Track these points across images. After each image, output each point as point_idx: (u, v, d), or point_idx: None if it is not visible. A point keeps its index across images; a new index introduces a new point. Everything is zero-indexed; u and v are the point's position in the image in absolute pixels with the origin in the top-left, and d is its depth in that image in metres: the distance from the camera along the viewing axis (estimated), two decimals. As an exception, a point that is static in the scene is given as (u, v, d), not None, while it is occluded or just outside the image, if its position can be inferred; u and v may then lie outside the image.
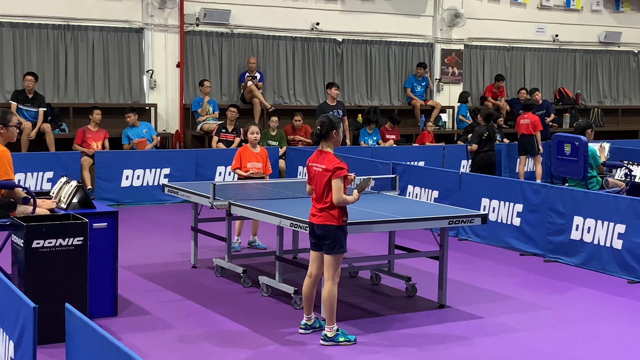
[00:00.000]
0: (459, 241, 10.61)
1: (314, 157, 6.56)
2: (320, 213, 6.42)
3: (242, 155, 9.43)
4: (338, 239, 6.38)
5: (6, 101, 13.65)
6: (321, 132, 6.49)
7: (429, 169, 12.03)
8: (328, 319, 6.45)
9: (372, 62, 17.28)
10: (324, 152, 6.49)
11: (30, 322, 4.21)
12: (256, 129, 9.50)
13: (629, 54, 20.52)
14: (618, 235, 8.84)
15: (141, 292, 7.85)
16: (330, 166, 6.37)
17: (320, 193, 6.42)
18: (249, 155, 9.44)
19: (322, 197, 6.40)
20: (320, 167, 6.44)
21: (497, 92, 18.37)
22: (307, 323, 6.75)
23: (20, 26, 14.11)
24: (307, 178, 6.65)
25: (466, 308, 7.56)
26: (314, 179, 6.49)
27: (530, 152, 15.39)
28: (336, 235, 6.38)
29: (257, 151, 9.49)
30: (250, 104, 15.59)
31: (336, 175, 6.32)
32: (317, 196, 6.47)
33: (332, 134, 6.49)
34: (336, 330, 6.43)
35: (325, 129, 6.48)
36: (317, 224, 6.43)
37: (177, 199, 11.93)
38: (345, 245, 6.47)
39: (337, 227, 6.38)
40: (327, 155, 6.45)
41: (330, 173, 6.35)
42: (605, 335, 6.89)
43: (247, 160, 9.40)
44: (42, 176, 12.02)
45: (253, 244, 9.79)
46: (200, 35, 15.53)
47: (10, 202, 6.95)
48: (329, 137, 6.49)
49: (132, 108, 14.18)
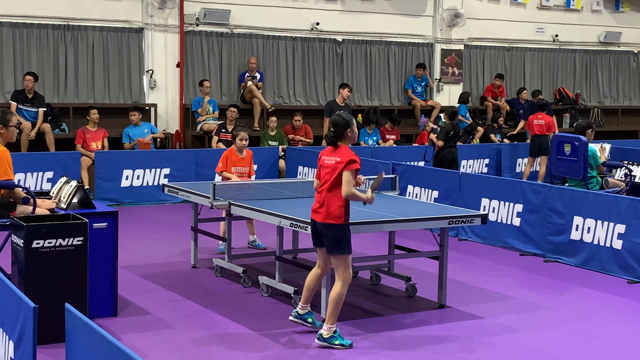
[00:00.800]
0: (459, 241, 10.61)
1: (327, 152, 6.37)
2: (320, 209, 6.30)
3: (228, 159, 9.47)
4: (339, 239, 6.29)
5: (6, 101, 13.66)
6: (335, 132, 6.30)
7: (429, 169, 12.03)
8: (328, 317, 6.38)
9: (372, 62, 17.29)
10: (339, 145, 6.32)
11: (30, 322, 4.20)
12: (245, 136, 9.51)
13: (629, 54, 20.52)
14: (618, 235, 8.84)
15: (141, 292, 7.85)
16: (344, 158, 6.19)
17: (328, 186, 6.26)
18: (235, 159, 9.48)
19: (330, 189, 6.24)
20: (333, 159, 6.26)
21: (497, 92, 18.37)
22: (299, 312, 6.68)
23: (20, 26, 14.12)
24: (315, 173, 6.51)
25: (466, 308, 7.56)
26: (324, 171, 6.31)
27: (544, 153, 14.77)
28: (338, 235, 6.28)
29: (243, 156, 9.54)
30: (250, 104, 15.60)
31: (348, 168, 6.16)
32: (322, 189, 6.33)
33: (346, 133, 6.31)
34: (333, 332, 6.33)
35: (340, 129, 6.29)
36: (319, 222, 6.34)
37: (177, 199, 11.94)
38: (348, 246, 6.34)
39: (339, 226, 6.29)
40: (342, 148, 6.28)
41: (343, 165, 6.18)
42: (605, 336, 6.89)
43: (233, 165, 9.44)
44: (42, 176, 12.01)
45: (253, 244, 9.80)
46: (200, 35, 15.53)
47: (10, 202, 6.95)
48: (344, 136, 6.32)
49: (137, 107, 14.20)
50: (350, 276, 6.43)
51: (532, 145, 15.11)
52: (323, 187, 6.33)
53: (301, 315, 6.68)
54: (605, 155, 11.62)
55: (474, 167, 15.49)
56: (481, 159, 15.65)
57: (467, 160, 15.40)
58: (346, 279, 6.37)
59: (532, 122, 15.08)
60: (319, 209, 6.35)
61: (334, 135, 6.31)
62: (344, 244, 6.32)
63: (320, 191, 6.37)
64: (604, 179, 10.91)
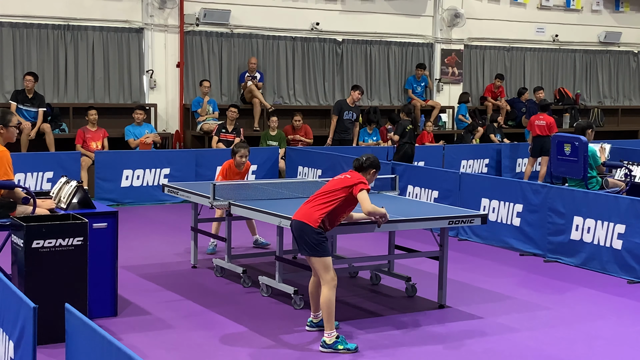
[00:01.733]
0: (459, 241, 10.61)
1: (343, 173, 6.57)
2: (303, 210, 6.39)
3: (227, 172, 9.53)
4: (313, 240, 6.28)
5: (6, 101, 13.66)
6: (362, 165, 6.53)
7: (429, 169, 12.03)
8: (325, 324, 6.36)
9: (372, 62, 17.29)
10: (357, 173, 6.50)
11: (30, 322, 4.21)
12: (245, 152, 9.51)
13: (628, 54, 20.52)
14: (618, 235, 8.84)
15: (141, 292, 7.85)
16: (355, 179, 6.39)
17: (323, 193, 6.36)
18: (233, 174, 9.54)
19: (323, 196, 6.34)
20: (343, 176, 6.45)
21: (496, 92, 18.37)
22: (313, 321, 6.76)
23: (20, 26, 14.11)
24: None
25: (466, 308, 7.56)
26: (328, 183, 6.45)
27: (546, 153, 14.49)
28: (310, 236, 6.29)
29: (241, 170, 9.57)
30: (250, 104, 15.60)
31: (360, 188, 6.33)
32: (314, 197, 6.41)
33: (370, 172, 6.57)
34: (335, 337, 6.30)
35: (368, 164, 6.54)
36: (294, 219, 6.40)
37: (177, 199, 11.94)
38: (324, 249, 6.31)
39: (313, 229, 6.29)
40: (356, 173, 6.48)
41: (352, 183, 6.36)
42: (605, 336, 6.89)
43: (230, 179, 9.45)
44: (42, 176, 12.01)
45: (257, 243, 9.83)
46: (200, 36, 15.53)
47: (10, 202, 6.95)
48: (366, 172, 6.54)
49: (141, 106, 14.21)
50: (334, 278, 6.37)
51: (534, 145, 15.00)
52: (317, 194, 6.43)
53: (316, 323, 6.74)
54: (605, 155, 11.61)
55: (474, 167, 15.50)
56: (481, 159, 15.65)
57: (467, 161, 15.40)
58: (329, 282, 6.34)
59: (534, 122, 14.97)
60: (301, 210, 6.44)
61: (360, 165, 6.54)
62: (319, 247, 6.32)
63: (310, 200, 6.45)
64: (604, 179, 10.90)
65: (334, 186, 6.41)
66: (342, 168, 12.34)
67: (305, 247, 6.35)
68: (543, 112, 15.04)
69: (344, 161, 12.58)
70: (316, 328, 6.72)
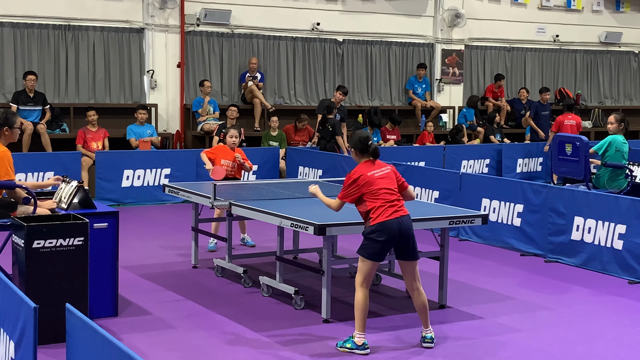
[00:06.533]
0: (459, 241, 10.61)
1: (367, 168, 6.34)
2: (405, 207, 6.37)
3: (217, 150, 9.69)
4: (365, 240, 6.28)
5: (6, 101, 13.65)
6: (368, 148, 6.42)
7: (430, 169, 12.03)
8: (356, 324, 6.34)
9: (373, 63, 17.29)
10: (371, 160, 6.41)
11: (30, 322, 4.21)
12: (235, 133, 9.61)
13: (629, 54, 20.52)
14: (619, 235, 8.84)
15: (141, 292, 7.85)
16: (394, 171, 6.44)
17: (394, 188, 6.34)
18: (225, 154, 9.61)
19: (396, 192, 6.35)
20: (384, 170, 6.36)
21: (497, 92, 18.37)
22: (426, 336, 6.52)
23: (20, 26, 14.12)
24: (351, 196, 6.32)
25: (467, 308, 7.57)
26: (383, 181, 6.29)
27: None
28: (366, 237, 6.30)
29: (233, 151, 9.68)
30: (251, 104, 15.60)
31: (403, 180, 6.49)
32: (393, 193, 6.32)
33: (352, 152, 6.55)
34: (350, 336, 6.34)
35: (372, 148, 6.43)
36: (406, 214, 6.32)
37: (177, 199, 11.95)
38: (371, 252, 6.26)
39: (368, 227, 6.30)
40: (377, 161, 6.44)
41: (398, 176, 6.44)
42: (605, 336, 6.89)
43: (222, 157, 9.58)
44: (42, 176, 12.01)
45: (244, 241, 9.90)
46: (201, 36, 15.53)
47: (11, 202, 6.96)
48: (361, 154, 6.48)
49: (144, 105, 14.21)
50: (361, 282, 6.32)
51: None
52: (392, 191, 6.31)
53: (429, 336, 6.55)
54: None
55: (475, 168, 15.50)
56: (481, 159, 15.65)
57: (468, 161, 15.40)
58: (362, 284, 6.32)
59: (563, 122, 14.85)
60: (401, 204, 6.35)
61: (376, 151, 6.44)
62: (363, 246, 6.31)
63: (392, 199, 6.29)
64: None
65: (393, 182, 6.36)
66: (343, 168, 12.37)
67: (414, 247, 6.39)
68: (570, 112, 15.00)
69: (344, 161, 12.58)
70: (429, 342, 6.46)
